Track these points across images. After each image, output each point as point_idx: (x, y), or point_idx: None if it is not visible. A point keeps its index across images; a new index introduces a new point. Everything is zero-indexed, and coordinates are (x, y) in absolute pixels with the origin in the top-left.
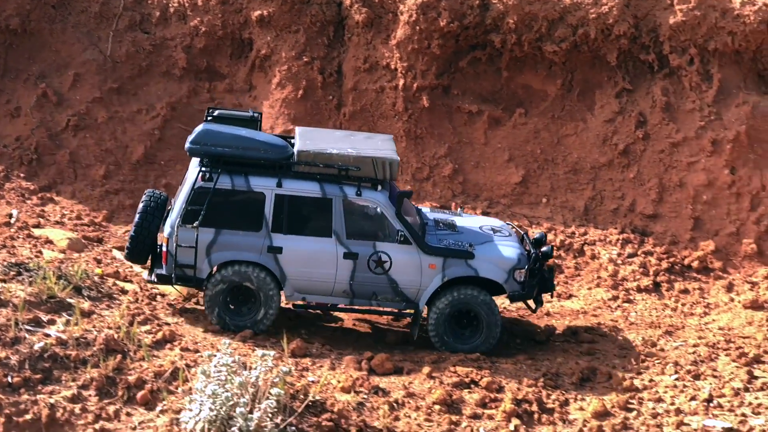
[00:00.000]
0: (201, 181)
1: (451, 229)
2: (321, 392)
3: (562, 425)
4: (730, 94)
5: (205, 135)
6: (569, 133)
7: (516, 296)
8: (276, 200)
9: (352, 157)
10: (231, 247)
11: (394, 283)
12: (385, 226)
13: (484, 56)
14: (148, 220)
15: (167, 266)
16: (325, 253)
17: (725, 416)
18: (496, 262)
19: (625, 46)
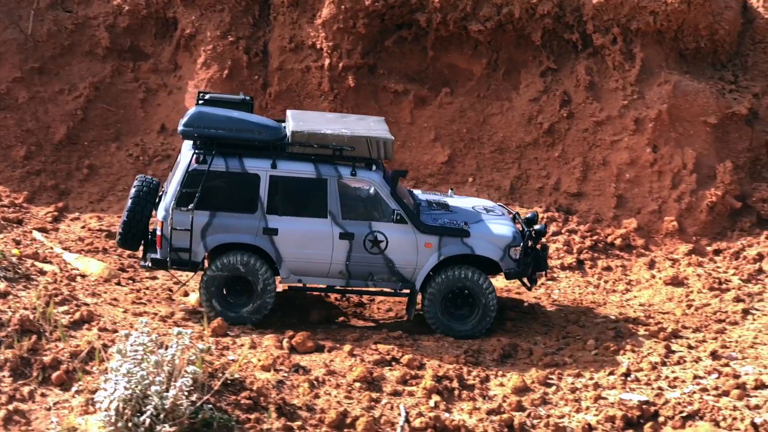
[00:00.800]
0: (195, 164)
1: (444, 209)
2: (240, 370)
3: (482, 401)
4: (653, 74)
5: (198, 117)
6: (495, 112)
7: (512, 273)
8: (271, 182)
9: (346, 136)
10: (226, 229)
11: (391, 262)
12: (380, 205)
13: (410, 36)
14: (141, 206)
15: (162, 250)
16: (320, 234)
17: (642, 390)
18: (492, 240)
19: (549, 25)
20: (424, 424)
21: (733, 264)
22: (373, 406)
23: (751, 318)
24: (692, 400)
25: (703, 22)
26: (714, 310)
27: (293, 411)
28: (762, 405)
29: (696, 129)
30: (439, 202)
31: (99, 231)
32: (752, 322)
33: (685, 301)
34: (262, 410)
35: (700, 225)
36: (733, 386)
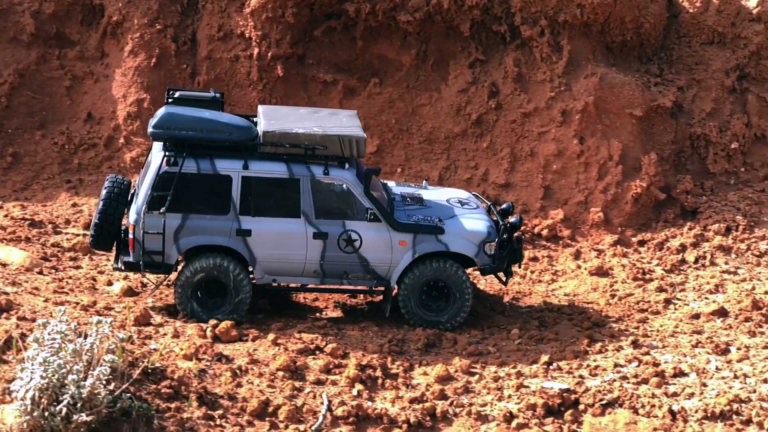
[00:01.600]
0: (166, 166)
1: (418, 204)
2: (162, 360)
3: (405, 390)
4: (580, 66)
5: (168, 119)
6: (424, 103)
7: (487, 269)
8: (243, 182)
9: (318, 135)
10: (199, 231)
11: (365, 261)
12: (353, 204)
13: (339, 25)
14: (113, 207)
15: (134, 253)
16: (294, 234)
17: (564, 378)
18: (466, 236)
19: (477, 17)
20: (346, 412)
21: (657, 255)
22: (295, 394)
23: (673, 307)
24: (612, 388)
25: (629, 15)
26: (637, 300)
27: (215, 400)
28: (680, 392)
29: (622, 121)
30: (413, 196)
31: (22, 220)
32: (673, 311)
33: (609, 291)
34: (183, 399)
35: (626, 216)
36: (652, 374)
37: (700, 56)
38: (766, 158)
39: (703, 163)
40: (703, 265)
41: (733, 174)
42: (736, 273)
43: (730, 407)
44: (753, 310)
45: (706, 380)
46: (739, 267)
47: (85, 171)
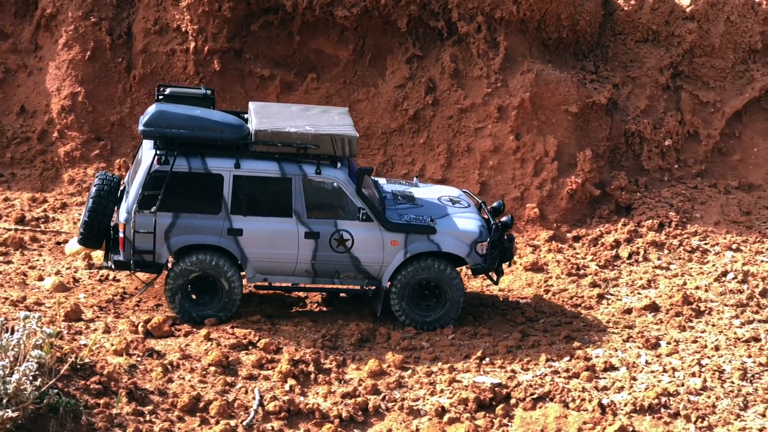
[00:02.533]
0: (157, 165)
1: (410, 202)
2: (92, 355)
3: (337, 384)
4: (516, 62)
5: (159, 116)
6: (361, 98)
7: (478, 269)
8: (234, 181)
9: (310, 134)
10: (190, 230)
11: (357, 260)
12: (345, 203)
13: (276, 20)
14: (102, 204)
15: (125, 252)
16: (286, 234)
17: (496, 373)
18: (458, 236)
19: (414, 12)
20: (277, 407)
21: (591, 250)
22: (227, 390)
23: (606, 303)
24: (543, 382)
25: (565, 12)
26: (571, 295)
27: (145, 395)
28: (610, 386)
29: (557, 117)
30: (404, 195)
31: None
32: (606, 306)
33: (543, 286)
34: (112, 395)
35: (561, 212)
36: (583, 368)
37: (634, 54)
38: (698, 155)
39: (638, 159)
40: (636, 261)
41: (667, 171)
42: (668, 268)
43: (658, 400)
44: (683, 305)
45: (635, 374)
46: (671, 263)
47: (17, 165)
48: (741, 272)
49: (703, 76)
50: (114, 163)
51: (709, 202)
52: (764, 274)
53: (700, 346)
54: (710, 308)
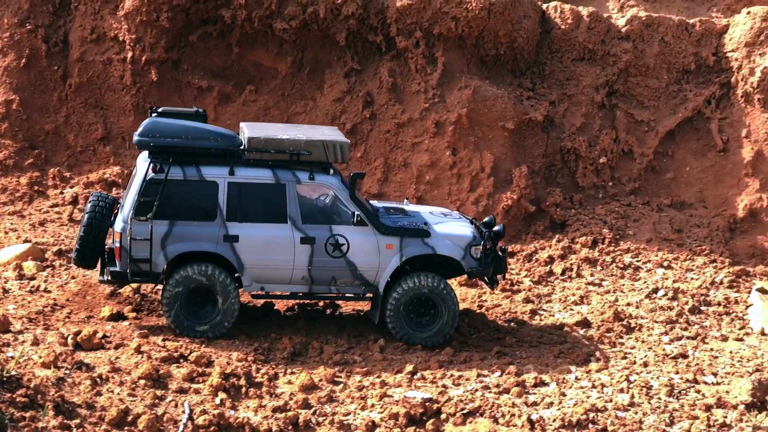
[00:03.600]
0: (152, 173)
1: (402, 213)
2: (19, 368)
3: (268, 398)
4: (454, 78)
5: (153, 127)
6: (299, 111)
7: (474, 272)
8: (229, 188)
9: (302, 141)
10: (186, 238)
11: (353, 266)
12: (339, 208)
13: (215, 31)
14: (97, 221)
15: (121, 262)
16: (282, 239)
17: (427, 388)
18: (453, 239)
19: (353, 26)
20: (207, 421)
21: (526, 266)
22: (157, 403)
23: (538, 318)
24: (474, 397)
25: (502, 29)
26: (504, 311)
27: (72, 409)
28: (539, 402)
29: (494, 134)
30: (396, 208)
31: None
32: (539, 322)
33: (477, 301)
34: (39, 408)
35: None
36: (513, 384)
37: (571, 72)
38: (632, 173)
39: (573, 176)
40: (569, 277)
41: (601, 188)
42: (600, 285)
43: (586, 416)
44: (614, 321)
45: (565, 390)
46: (604, 279)
47: None
48: (671, 289)
49: (637, 95)
50: (48, 172)
51: (642, 220)
52: (694, 291)
53: (630, 363)
54: (640, 325)
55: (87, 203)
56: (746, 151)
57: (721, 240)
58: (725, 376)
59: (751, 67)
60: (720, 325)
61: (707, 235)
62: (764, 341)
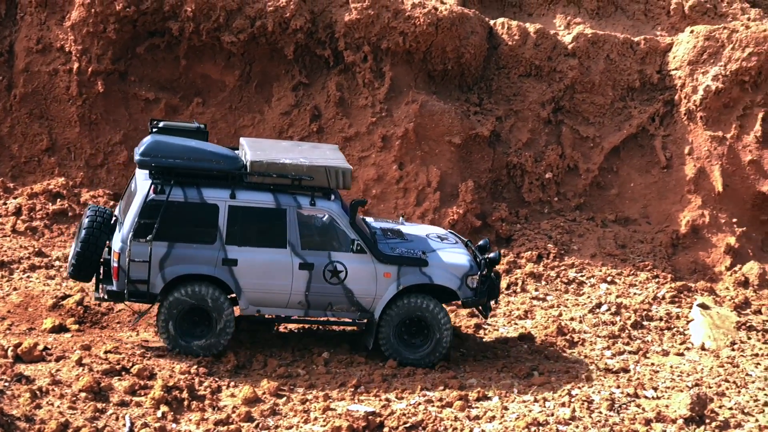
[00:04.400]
0: (153, 194)
1: (399, 237)
2: None
3: (211, 411)
4: (401, 93)
5: (155, 146)
6: (246, 124)
7: (469, 302)
8: (230, 212)
9: (305, 166)
10: (185, 260)
11: (350, 292)
12: (339, 235)
13: (163, 43)
14: (95, 236)
15: (118, 282)
16: (280, 264)
17: (370, 401)
18: (450, 269)
19: (301, 40)
20: None
21: None
22: (97, 416)
23: (483, 332)
24: (417, 411)
25: (450, 45)
26: None
27: (11, 422)
28: (482, 416)
29: (441, 148)
30: (393, 230)
31: None
32: (483, 336)
33: None
34: None
35: None
36: (456, 398)
37: (518, 88)
38: (578, 189)
39: (519, 191)
40: (514, 292)
41: (547, 203)
42: (545, 299)
43: (528, 430)
44: (558, 335)
45: (507, 404)
46: (548, 294)
47: None
48: (614, 304)
49: (583, 112)
50: None
51: (586, 235)
52: (636, 307)
53: (571, 377)
54: (583, 339)
55: (84, 217)
56: (689, 168)
57: (664, 256)
58: (665, 390)
59: (694, 85)
60: (661, 340)
61: (650, 250)
62: (704, 356)
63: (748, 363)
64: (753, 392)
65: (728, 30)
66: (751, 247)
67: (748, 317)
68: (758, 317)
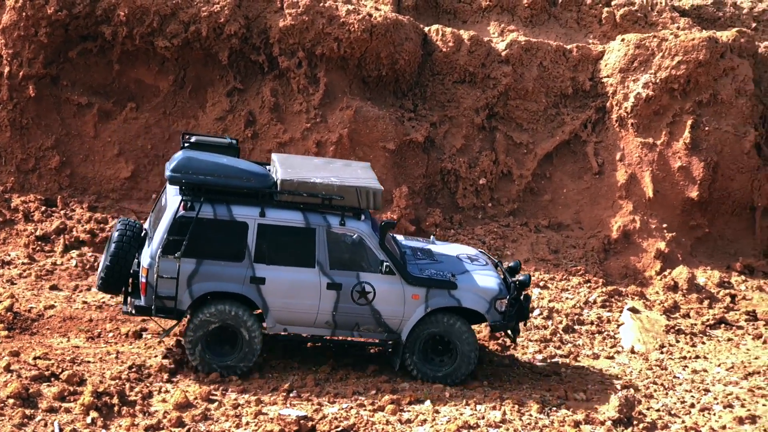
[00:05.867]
0: (183, 211)
1: (429, 258)
2: None
3: (141, 417)
4: (336, 98)
5: (187, 163)
6: (181, 129)
7: (497, 326)
8: (259, 230)
9: (336, 186)
10: (213, 277)
11: (378, 314)
12: (368, 256)
13: (95, 48)
14: (125, 250)
15: (146, 297)
16: (308, 284)
17: (302, 405)
18: (479, 292)
19: (236, 45)
20: None
21: None
22: (25, 423)
23: None
24: (349, 415)
25: (384, 51)
26: None
27: None
28: (413, 419)
29: (375, 154)
30: (423, 250)
31: None
32: None
33: None
34: None
35: None
36: (388, 401)
37: (452, 94)
38: (511, 194)
39: (453, 197)
40: None
41: (481, 209)
42: None
43: None
44: (490, 339)
45: (439, 407)
46: None
47: None
48: (546, 309)
49: (516, 118)
50: None
51: (519, 240)
52: (568, 311)
53: (503, 381)
54: (515, 343)
55: (114, 230)
56: (620, 174)
57: (596, 260)
58: (595, 393)
59: (625, 92)
60: (592, 344)
61: (582, 255)
62: (633, 359)
63: (675, 365)
64: (680, 394)
65: (658, 39)
66: (681, 252)
67: (677, 321)
68: (686, 321)
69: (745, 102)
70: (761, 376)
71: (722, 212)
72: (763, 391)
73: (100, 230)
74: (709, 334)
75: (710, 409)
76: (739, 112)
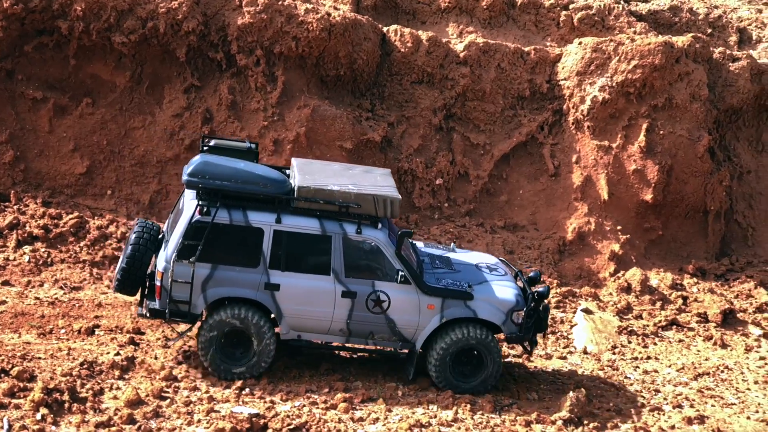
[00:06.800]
0: (198, 215)
1: (447, 267)
2: None
3: (92, 414)
4: (293, 97)
5: (204, 167)
6: (137, 126)
7: (513, 338)
8: (275, 236)
9: (353, 193)
10: (227, 283)
11: (392, 323)
12: (384, 265)
13: (51, 42)
14: (141, 252)
15: (161, 301)
16: (323, 291)
17: (255, 403)
18: (495, 304)
19: (194, 42)
20: None
21: None
22: None
23: None
24: (301, 413)
25: (343, 50)
26: None
27: None
28: (366, 418)
29: (332, 153)
30: (442, 258)
31: None
32: None
33: None
34: None
35: None
36: (341, 400)
37: (410, 94)
38: (468, 195)
39: (409, 197)
40: None
41: (437, 209)
42: None
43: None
44: None
45: (392, 406)
46: None
47: None
48: None
49: (474, 119)
50: None
51: (475, 241)
52: None
53: None
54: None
55: (131, 232)
56: (576, 176)
57: (551, 261)
58: (546, 392)
59: (582, 95)
60: (545, 344)
61: (538, 256)
62: (586, 360)
63: (627, 366)
64: (631, 394)
65: (615, 42)
66: (634, 254)
67: (630, 322)
68: (639, 322)
69: (700, 107)
70: (711, 377)
71: (676, 215)
72: (712, 392)
73: (54, 226)
74: (661, 335)
75: (660, 410)
76: (694, 117)
